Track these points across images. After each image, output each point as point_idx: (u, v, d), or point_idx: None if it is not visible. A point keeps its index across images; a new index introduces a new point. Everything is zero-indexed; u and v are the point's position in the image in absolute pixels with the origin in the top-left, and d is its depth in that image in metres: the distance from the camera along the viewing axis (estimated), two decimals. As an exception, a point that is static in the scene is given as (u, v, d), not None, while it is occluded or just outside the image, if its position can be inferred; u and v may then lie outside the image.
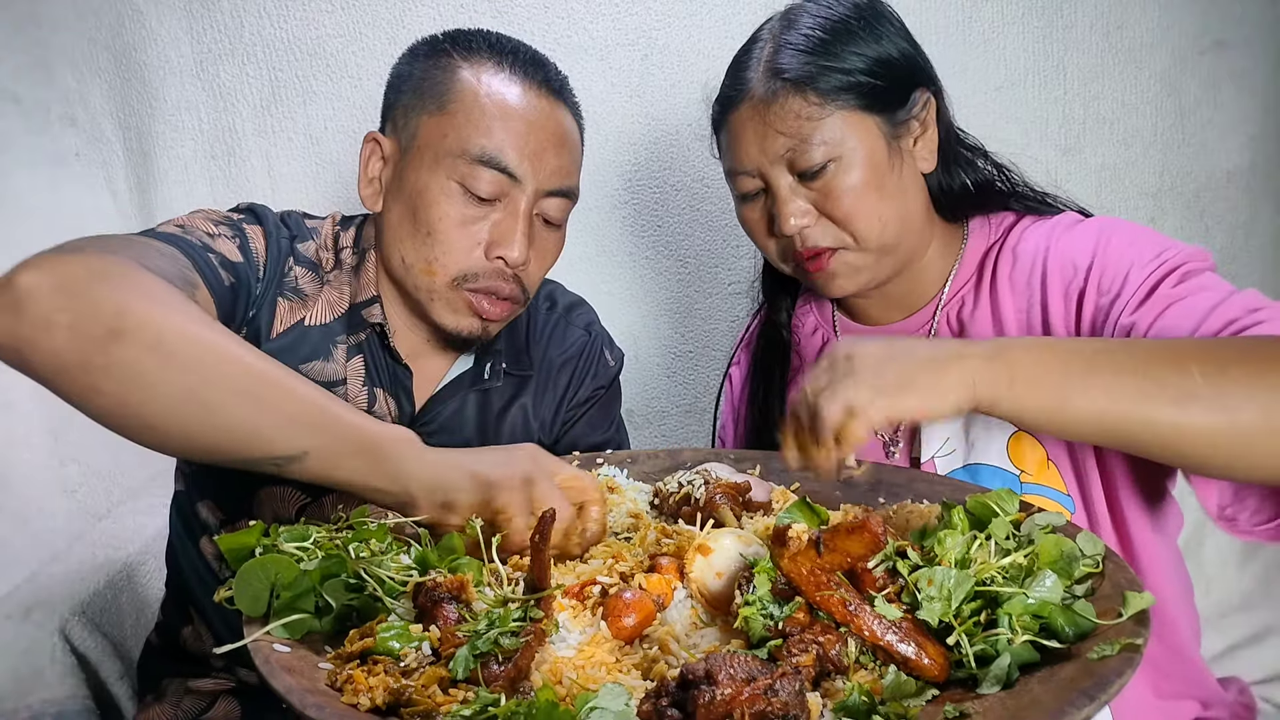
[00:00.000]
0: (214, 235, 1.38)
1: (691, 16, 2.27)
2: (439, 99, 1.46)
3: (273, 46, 2.24)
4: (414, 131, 1.48)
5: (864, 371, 1.07)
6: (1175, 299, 1.28)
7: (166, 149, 2.26)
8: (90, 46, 2.22)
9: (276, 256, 1.47)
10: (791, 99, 1.41)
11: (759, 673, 0.77)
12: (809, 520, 0.98)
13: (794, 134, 1.40)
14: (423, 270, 1.46)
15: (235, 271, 1.37)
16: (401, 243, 1.47)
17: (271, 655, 0.88)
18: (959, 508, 0.95)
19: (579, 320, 1.78)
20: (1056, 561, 0.90)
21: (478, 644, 0.88)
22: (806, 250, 1.46)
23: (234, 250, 1.39)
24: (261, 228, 1.48)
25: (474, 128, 1.43)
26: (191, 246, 1.31)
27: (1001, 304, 1.48)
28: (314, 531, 1.04)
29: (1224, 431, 1.04)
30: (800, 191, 1.44)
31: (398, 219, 1.48)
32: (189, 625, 1.60)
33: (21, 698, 1.65)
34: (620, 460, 1.48)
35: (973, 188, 1.56)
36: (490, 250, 1.45)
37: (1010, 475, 1.43)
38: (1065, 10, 2.29)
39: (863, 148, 1.42)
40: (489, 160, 1.42)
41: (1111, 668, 0.78)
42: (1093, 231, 1.43)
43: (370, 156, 1.52)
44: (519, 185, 1.45)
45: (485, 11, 2.24)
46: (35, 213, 2.21)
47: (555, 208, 1.51)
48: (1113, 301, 1.34)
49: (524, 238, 1.46)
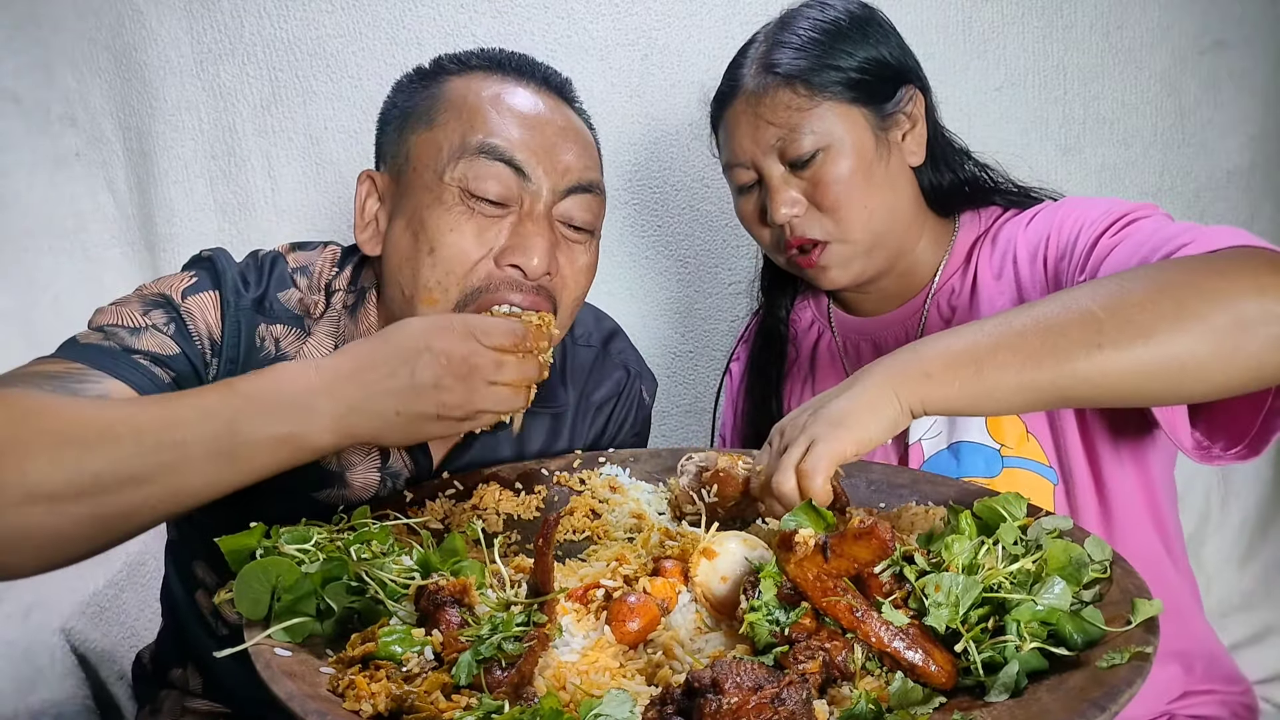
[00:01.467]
0: (138, 330, 1.25)
1: (691, 16, 2.27)
2: (428, 115, 1.36)
3: (273, 46, 2.23)
4: (406, 154, 1.37)
5: (794, 432, 1.08)
6: (1116, 244, 1.29)
7: (166, 149, 2.25)
8: (90, 46, 2.21)
9: (236, 327, 1.33)
10: (782, 91, 1.47)
11: (765, 681, 0.77)
12: (815, 525, 0.98)
13: (784, 124, 1.46)
14: (425, 300, 1.31)
15: (172, 365, 1.25)
16: (401, 272, 1.33)
17: (273, 660, 0.88)
18: (966, 512, 0.95)
19: (618, 356, 1.67)
20: (1065, 567, 0.90)
21: (481, 649, 0.88)
22: (795, 240, 1.51)
23: (166, 343, 1.26)
24: (217, 292, 1.34)
25: (468, 125, 1.32)
26: (107, 355, 1.20)
27: (983, 289, 1.52)
28: (315, 533, 1.04)
29: (1148, 359, 1.02)
30: (791, 181, 1.49)
31: (397, 250, 1.35)
32: (181, 669, 1.52)
33: (21, 698, 1.65)
34: (622, 460, 1.48)
35: (961, 184, 1.61)
36: (502, 258, 1.31)
37: (991, 450, 1.46)
38: (1065, 10, 2.29)
39: (851, 138, 1.47)
40: (491, 151, 1.30)
41: (1121, 677, 0.78)
42: (1054, 208, 1.49)
43: (366, 197, 1.41)
44: (530, 185, 1.32)
45: (485, 11, 2.22)
46: (35, 213, 2.20)
47: (580, 208, 1.37)
48: (1067, 261, 1.37)
49: (544, 242, 1.31)
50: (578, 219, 1.37)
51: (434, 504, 1.33)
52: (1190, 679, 1.52)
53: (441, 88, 1.38)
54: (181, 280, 1.34)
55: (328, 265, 1.44)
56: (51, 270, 2.23)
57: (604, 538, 1.28)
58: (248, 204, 2.28)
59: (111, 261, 2.29)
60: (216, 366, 1.31)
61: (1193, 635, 1.53)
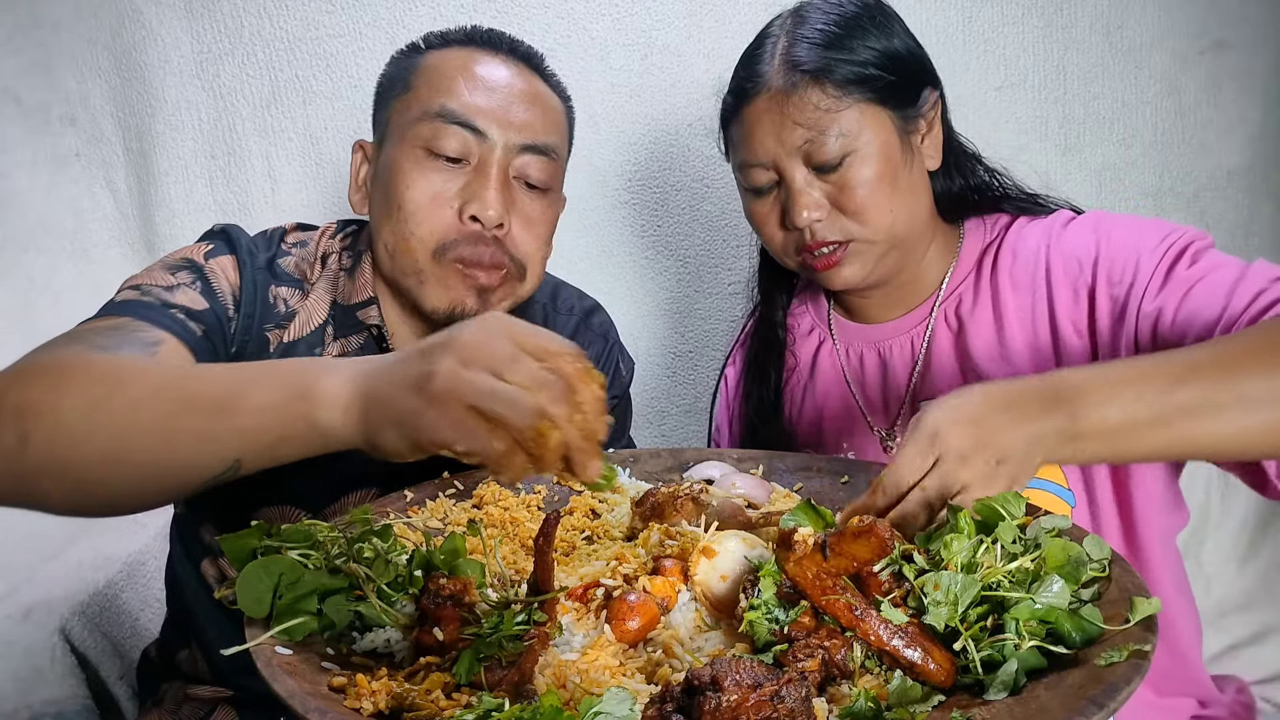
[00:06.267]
0: (172, 287, 1.34)
1: (691, 16, 2.27)
2: (405, 82, 1.47)
3: (273, 46, 2.23)
4: (386, 119, 1.49)
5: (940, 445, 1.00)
6: (1195, 279, 1.30)
7: (166, 149, 2.25)
8: (90, 46, 2.21)
9: (253, 286, 1.43)
10: (810, 91, 1.42)
11: (765, 678, 0.77)
12: (814, 523, 0.98)
13: (812, 125, 1.42)
14: (402, 251, 1.42)
15: (202, 319, 1.33)
16: (381, 229, 1.45)
17: (274, 658, 0.88)
18: (965, 511, 0.94)
19: (598, 327, 1.75)
20: (1063, 566, 0.90)
21: (481, 648, 0.88)
22: (815, 243, 1.47)
23: (196, 299, 1.35)
24: (234, 256, 1.44)
25: (435, 90, 1.43)
26: (149, 308, 1.28)
27: (1003, 299, 1.50)
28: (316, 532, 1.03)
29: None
30: (815, 184, 1.45)
31: (376, 208, 1.47)
32: (186, 649, 1.58)
33: (21, 698, 1.65)
34: (622, 459, 1.48)
35: (970, 190, 1.58)
36: (463, 212, 1.41)
37: None
38: (1065, 10, 2.29)
39: (878, 141, 1.43)
40: (449, 115, 1.41)
41: (1120, 674, 0.78)
42: (1090, 225, 1.46)
43: (361, 164, 1.53)
44: (486, 141, 1.42)
45: (485, 11, 2.23)
46: (35, 212, 2.21)
47: (535, 167, 1.46)
48: (1128, 291, 1.36)
49: (496, 194, 1.41)
50: (534, 178, 1.47)
51: (434, 504, 1.33)
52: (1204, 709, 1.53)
53: (421, 59, 1.49)
54: (201, 247, 1.44)
55: (324, 236, 1.56)
56: (51, 270, 2.23)
57: (603, 537, 1.28)
58: (248, 204, 2.29)
59: (111, 261, 2.29)
60: (237, 322, 1.40)
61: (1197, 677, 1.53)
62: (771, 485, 1.33)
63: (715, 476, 1.32)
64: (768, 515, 1.18)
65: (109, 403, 1.00)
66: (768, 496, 1.28)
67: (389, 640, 0.96)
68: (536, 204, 1.49)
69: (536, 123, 1.46)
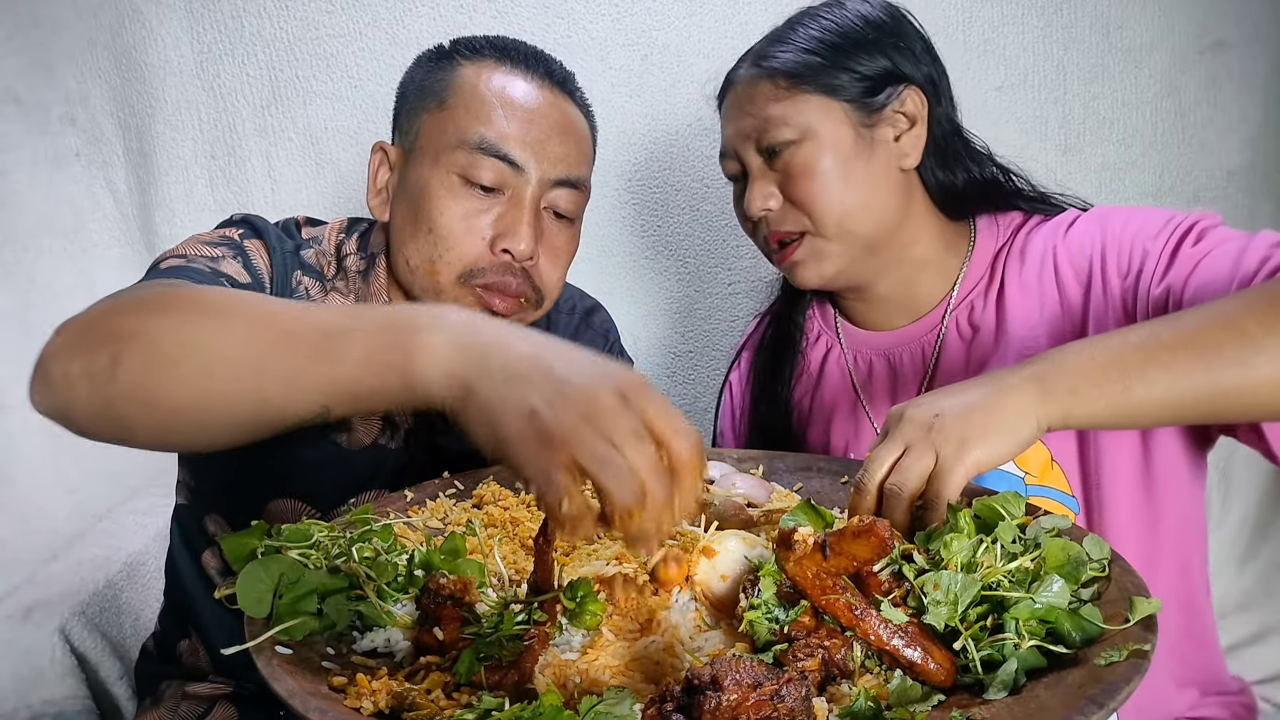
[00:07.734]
0: (217, 258, 1.36)
1: (691, 16, 2.27)
2: (439, 96, 1.45)
3: (273, 46, 2.23)
4: (416, 132, 1.47)
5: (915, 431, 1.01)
6: (1201, 255, 1.30)
7: (166, 149, 2.25)
8: (90, 46, 2.21)
9: (283, 269, 1.44)
10: (762, 82, 1.48)
11: (765, 678, 0.77)
12: (814, 523, 0.98)
13: (760, 114, 1.47)
14: (427, 271, 1.43)
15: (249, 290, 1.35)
16: (405, 245, 1.44)
17: (274, 657, 0.88)
18: (965, 511, 0.95)
19: (599, 326, 1.77)
20: (1063, 566, 0.90)
21: (481, 647, 0.88)
22: (772, 235, 1.51)
23: (240, 270, 1.37)
24: (263, 240, 1.46)
25: (473, 117, 1.42)
26: (200, 274, 1.28)
27: (1010, 306, 1.49)
28: (316, 532, 1.04)
29: None
30: (768, 174, 1.50)
31: (402, 221, 1.46)
32: (186, 640, 1.59)
33: (21, 698, 1.65)
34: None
35: (977, 185, 1.57)
36: (495, 244, 1.42)
37: (1015, 477, 1.43)
38: (1065, 10, 2.29)
39: (827, 132, 1.46)
40: (488, 148, 1.40)
41: (1120, 674, 0.78)
42: (1094, 220, 1.47)
43: (379, 167, 1.52)
44: (522, 175, 1.42)
45: (485, 11, 2.23)
46: (35, 212, 2.21)
47: (564, 200, 1.48)
48: (1138, 277, 1.36)
49: (529, 229, 1.42)
50: (563, 210, 1.49)
51: (434, 504, 1.33)
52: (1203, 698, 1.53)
53: (454, 71, 1.47)
54: (233, 230, 1.47)
55: (335, 232, 1.56)
56: (51, 270, 2.23)
57: (603, 537, 1.28)
58: (248, 204, 2.29)
59: (111, 261, 2.30)
60: None
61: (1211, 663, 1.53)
62: (772, 485, 1.33)
63: (715, 476, 1.32)
64: (768, 515, 1.18)
65: (205, 330, 0.97)
66: (768, 496, 1.28)
67: (389, 640, 0.96)
68: (563, 234, 1.51)
69: (571, 156, 1.47)
